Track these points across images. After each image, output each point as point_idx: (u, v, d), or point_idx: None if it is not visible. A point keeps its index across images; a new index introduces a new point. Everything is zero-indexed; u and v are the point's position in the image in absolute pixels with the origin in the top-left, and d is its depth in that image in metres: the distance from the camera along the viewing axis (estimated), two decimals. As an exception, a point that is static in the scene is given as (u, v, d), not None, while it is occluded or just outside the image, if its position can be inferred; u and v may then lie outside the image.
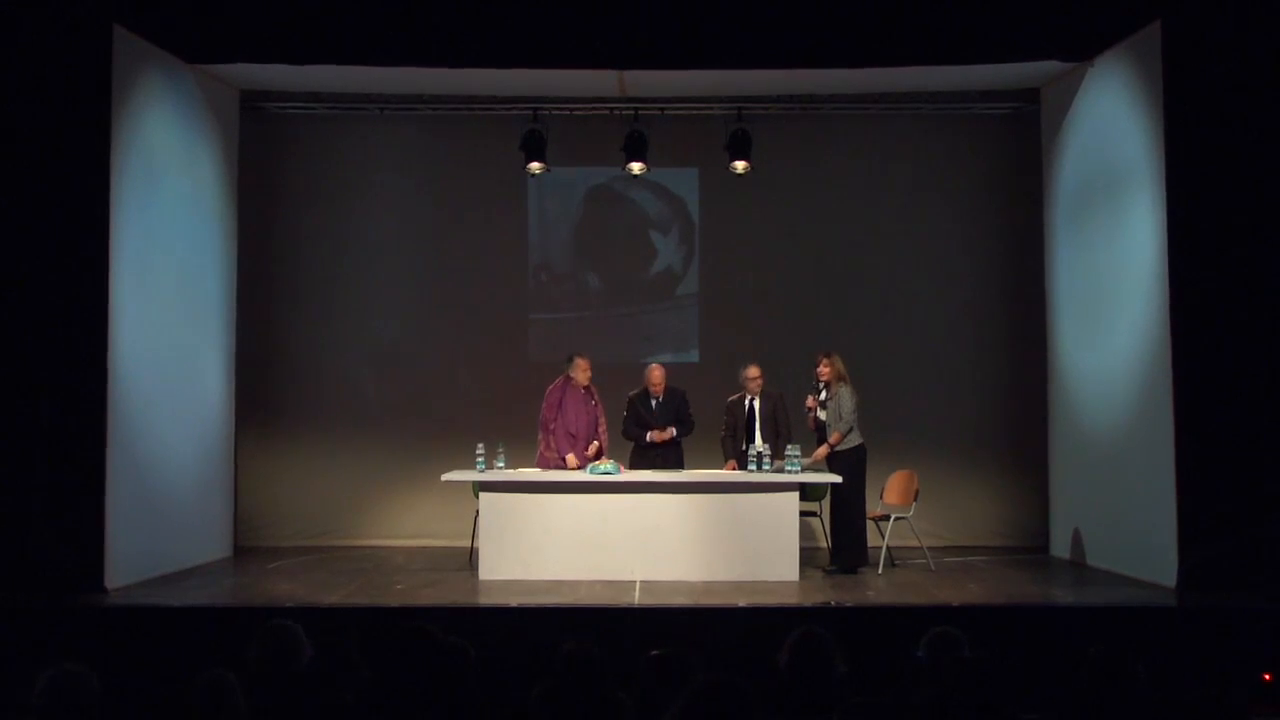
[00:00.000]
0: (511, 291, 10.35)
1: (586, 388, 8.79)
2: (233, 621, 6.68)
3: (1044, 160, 9.69)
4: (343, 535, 9.95)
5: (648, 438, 8.79)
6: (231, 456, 9.59)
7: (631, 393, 8.95)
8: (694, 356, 10.23)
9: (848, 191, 10.27)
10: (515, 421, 9.28)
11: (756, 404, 8.77)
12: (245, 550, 9.60)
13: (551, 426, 8.73)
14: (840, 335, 9.61)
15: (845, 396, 8.47)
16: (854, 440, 8.48)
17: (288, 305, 10.21)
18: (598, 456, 8.57)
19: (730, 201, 10.26)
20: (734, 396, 8.90)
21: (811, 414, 8.60)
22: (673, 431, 8.80)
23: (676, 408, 8.87)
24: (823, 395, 8.56)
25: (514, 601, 7.16)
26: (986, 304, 10.20)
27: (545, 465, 8.69)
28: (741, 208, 10.26)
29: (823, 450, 8.49)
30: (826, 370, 8.56)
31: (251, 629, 4.33)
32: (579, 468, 8.50)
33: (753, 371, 8.80)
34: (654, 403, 8.87)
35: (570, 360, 8.84)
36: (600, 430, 8.78)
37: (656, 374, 8.88)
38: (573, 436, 8.71)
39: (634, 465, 8.77)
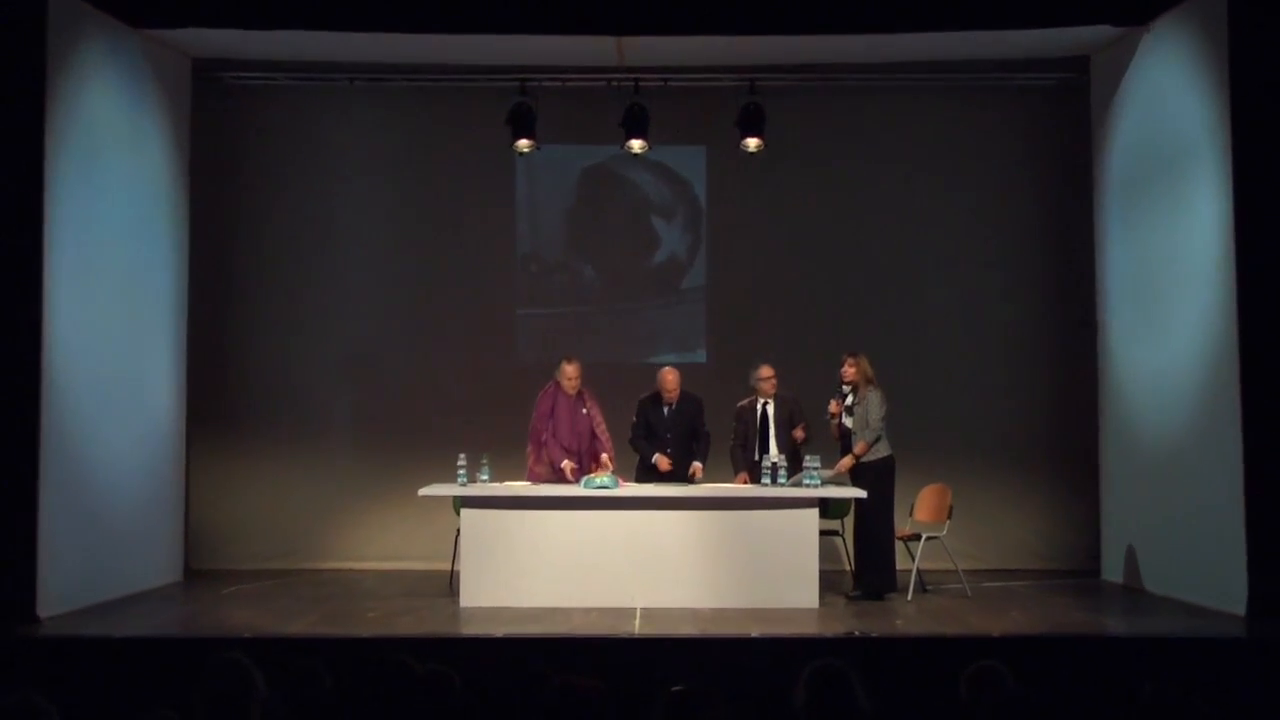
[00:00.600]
0: (498, 284, 10.30)
1: (579, 394, 8.75)
2: (182, 655, 6.60)
3: (1094, 137, 9.63)
4: (307, 557, 9.89)
5: (653, 459, 8.74)
6: (182, 469, 9.54)
7: (644, 395, 8.92)
8: (700, 356, 10.18)
9: (873, 173, 10.22)
10: (501, 430, 9.22)
11: (770, 409, 8.73)
12: (197, 574, 9.54)
13: (544, 437, 8.70)
14: (864, 333, 9.57)
15: (874, 401, 8.42)
16: (882, 450, 8.43)
17: (245, 300, 10.16)
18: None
19: (741, 184, 10.21)
20: (745, 401, 8.85)
21: (835, 421, 8.56)
22: (697, 467, 8.66)
23: (690, 418, 8.81)
24: (848, 400, 8.51)
25: (500, 631, 7.12)
26: (1030, 298, 10.16)
27: (535, 479, 8.67)
28: (754, 190, 10.21)
29: (847, 461, 8.44)
30: (852, 371, 8.51)
31: (204, 663, 4.26)
32: (577, 477, 8.46)
33: (765, 372, 8.75)
34: (665, 410, 8.82)
35: (559, 367, 8.80)
36: (602, 440, 8.70)
37: (669, 378, 8.82)
38: (565, 450, 8.68)
39: (640, 478, 8.74)
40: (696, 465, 8.69)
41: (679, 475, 8.67)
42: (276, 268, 10.19)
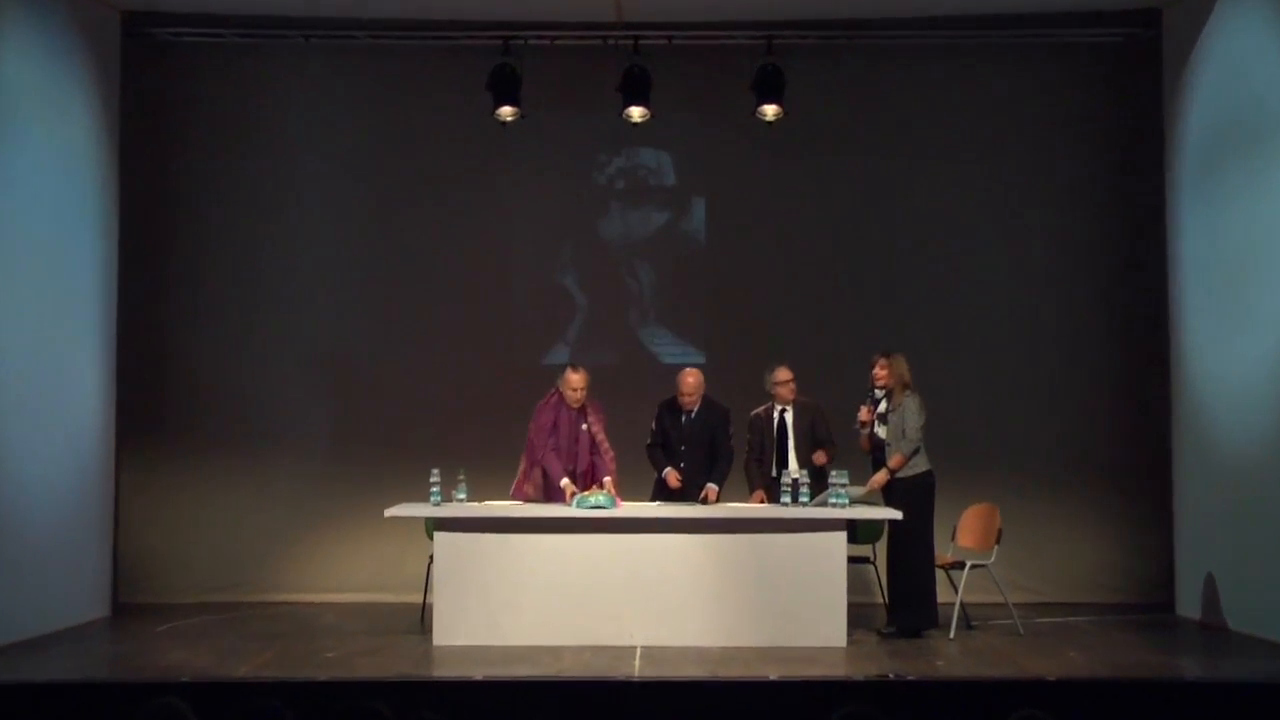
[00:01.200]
0: (478, 276, 10.27)
1: (581, 406, 8.71)
2: (112, 701, 6.56)
3: (1166, 104, 9.61)
4: (257, 588, 9.89)
5: (663, 473, 8.74)
6: (111, 485, 9.52)
7: (664, 399, 8.92)
8: (700, 357, 10.12)
9: (905, 146, 10.20)
10: (483, 441, 9.29)
11: (789, 417, 8.74)
12: (127, 608, 9.53)
13: (540, 455, 8.64)
14: (895, 329, 9.57)
15: (911, 408, 8.41)
16: (920, 465, 8.41)
17: (185, 290, 10.13)
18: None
19: (754, 158, 10.19)
20: (759, 409, 8.86)
21: (866, 430, 8.55)
22: (711, 489, 8.61)
23: (712, 430, 8.77)
24: (881, 406, 8.49)
25: (479, 674, 7.13)
26: (1090, 290, 10.13)
27: (522, 498, 8.69)
28: (769, 166, 10.20)
29: (880, 476, 8.43)
30: (885, 374, 8.50)
31: (136, 711, 4.23)
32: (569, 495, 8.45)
33: (783, 375, 8.75)
34: (683, 418, 8.82)
35: (561, 376, 8.76)
36: (604, 460, 8.65)
37: (689, 381, 8.79)
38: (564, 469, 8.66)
39: (657, 493, 8.75)
40: (710, 487, 8.65)
41: (691, 495, 8.64)
42: (222, 254, 10.14)
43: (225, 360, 10.11)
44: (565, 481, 8.56)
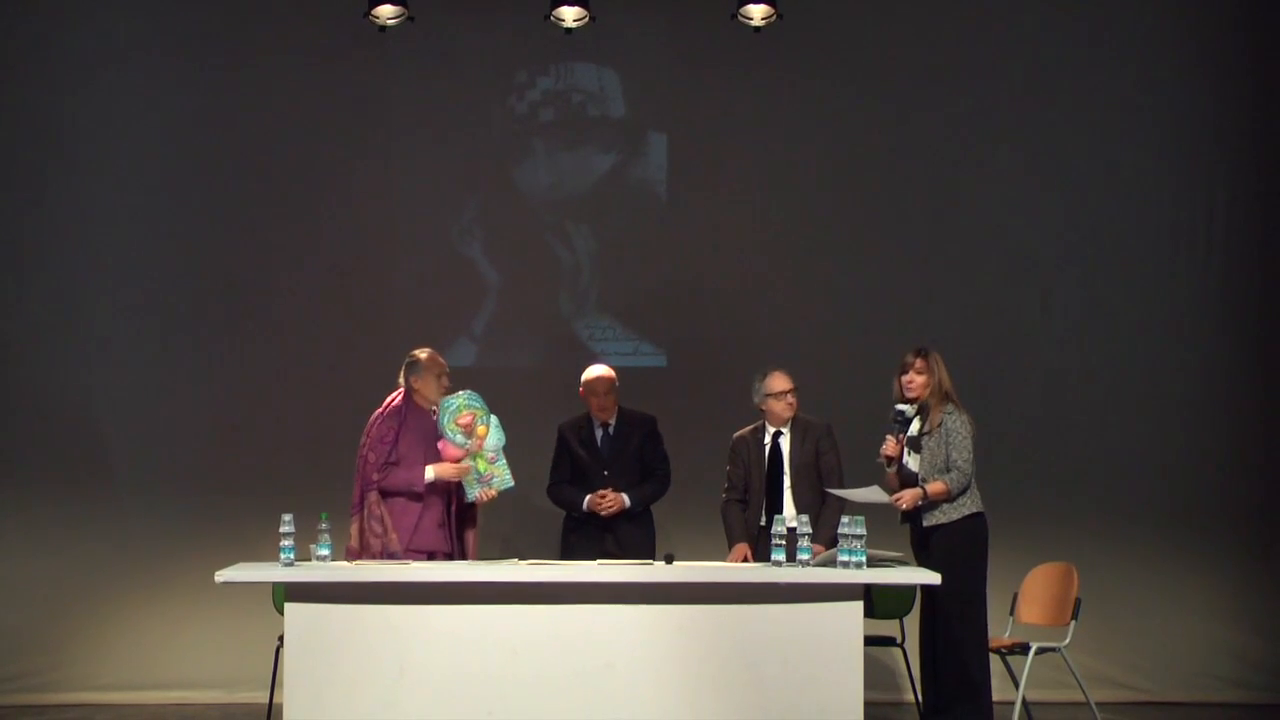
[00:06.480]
0: (348, 246, 10.38)
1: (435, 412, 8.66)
2: None
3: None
4: (33, 686, 9.96)
5: (585, 504, 8.84)
6: None
7: (564, 421, 8.99)
8: (659, 359, 10.29)
9: (958, 68, 10.36)
10: (352, 474, 9.26)
11: (785, 443, 8.79)
12: None
13: (376, 478, 8.51)
14: (926, 326, 9.70)
15: (957, 428, 8.27)
16: (966, 504, 8.31)
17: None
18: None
19: (736, 80, 10.33)
20: (744, 430, 8.91)
21: (893, 468, 8.46)
22: (625, 500, 8.84)
23: (639, 447, 8.93)
24: (913, 427, 8.42)
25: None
26: (1209, 274, 10.32)
27: (362, 555, 8.54)
28: (756, 91, 10.34)
29: (911, 494, 8.27)
30: (921, 380, 8.40)
31: None
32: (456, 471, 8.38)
33: (778, 383, 8.73)
34: (599, 434, 8.93)
35: (411, 364, 8.70)
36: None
37: (600, 382, 8.86)
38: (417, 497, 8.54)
39: (568, 549, 8.80)
40: (617, 496, 8.76)
41: (627, 515, 8.78)
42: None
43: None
44: (432, 472, 8.38)
